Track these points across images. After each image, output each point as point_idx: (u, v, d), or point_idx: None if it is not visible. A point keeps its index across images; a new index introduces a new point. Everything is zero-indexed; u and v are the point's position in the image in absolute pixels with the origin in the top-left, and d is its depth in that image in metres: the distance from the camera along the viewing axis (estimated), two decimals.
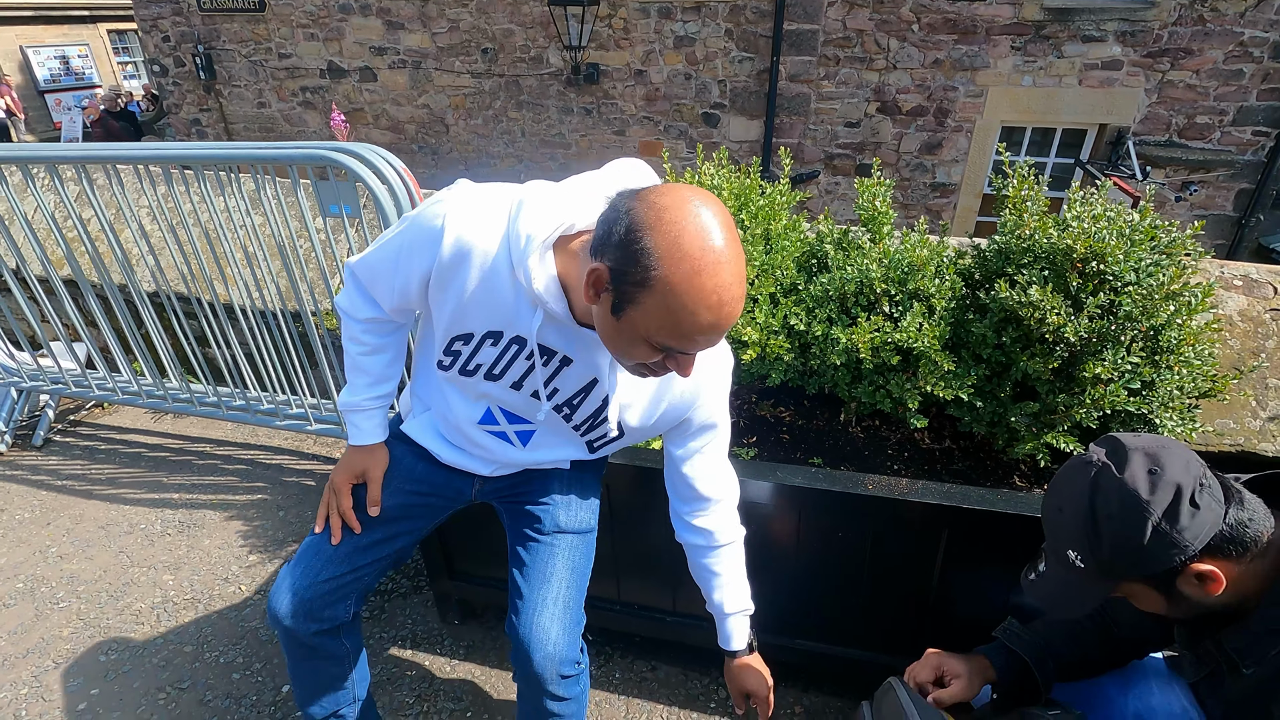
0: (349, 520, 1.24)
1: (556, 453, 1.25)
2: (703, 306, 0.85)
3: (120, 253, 2.43)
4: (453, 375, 1.16)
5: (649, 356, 0.94)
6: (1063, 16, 6.79)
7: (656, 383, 1.12)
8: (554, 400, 1.14)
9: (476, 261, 1.02)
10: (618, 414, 1.12)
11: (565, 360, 1.09)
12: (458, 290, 1.05)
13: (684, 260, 0.83)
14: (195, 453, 2.89)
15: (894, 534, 1.45)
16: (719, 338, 0.91)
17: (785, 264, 1.56)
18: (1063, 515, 0.88)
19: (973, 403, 1.45)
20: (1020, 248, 1.41)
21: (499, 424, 1.21)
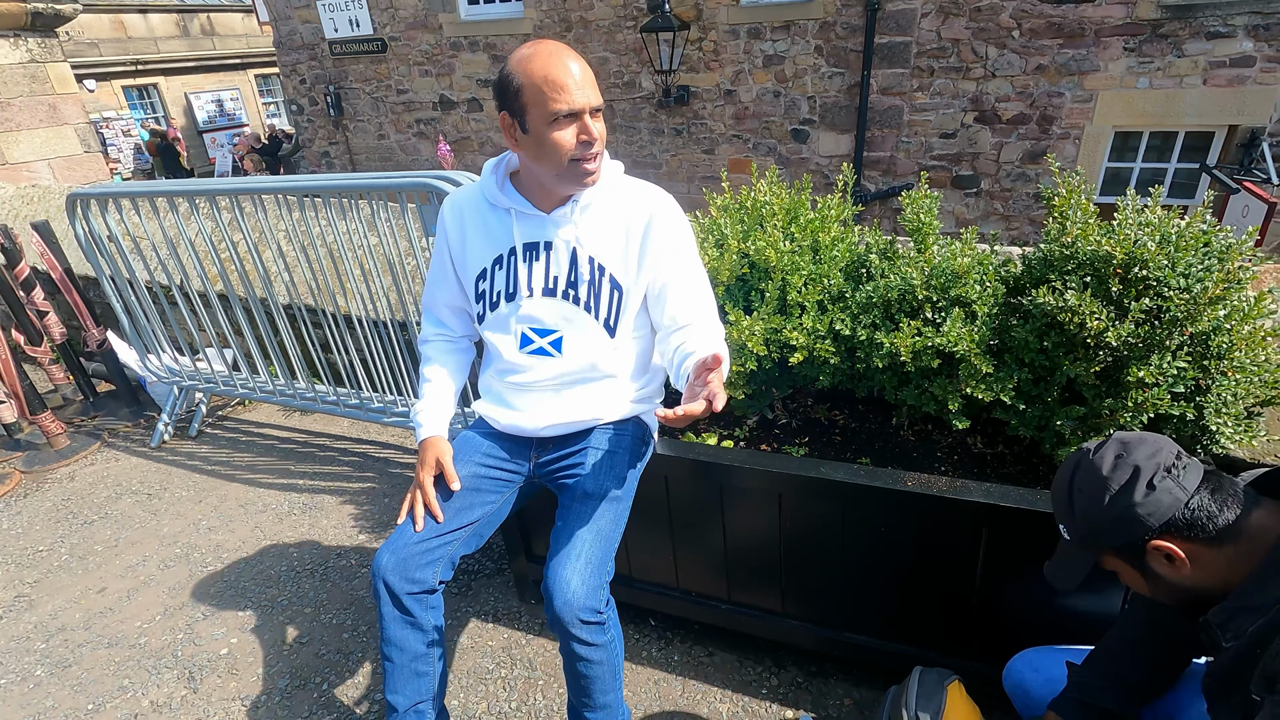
0: (432, 509, 1.47)
1: (587, 351, 1.46)
2: (551, 66, 1.24)
3: (262, 270, 2.84)
4: (491, 322, 1.50)
5: (568, 143, 1.28)
6: (1183, 13, 6.37)
7: (619, 224, 1.42)
8: (560, 286, 1.43)
9: (466, 208, 1.49)
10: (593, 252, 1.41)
11: (548, 245, 1.43)
12: (463, 241, 1.49)
13: (522, 60, 1.27)
14: (317, 445, 3.28)
15: (936, 531, 1.51)
16: (582, 79, 1.26)
17: (833, 273, 1.66)
18: (1053, 495, 1.03)
19: (1017, 406, 1.50)
20: (1063, 254, 1.45)
21: (534, 341, 1.48)
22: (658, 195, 1.46)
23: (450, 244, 1.53)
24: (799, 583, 1.74)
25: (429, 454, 1.53)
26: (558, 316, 1.46)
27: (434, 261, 1.59)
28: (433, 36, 9.49)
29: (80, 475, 3.20)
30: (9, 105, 5.19)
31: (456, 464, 1.55)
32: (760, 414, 1.93)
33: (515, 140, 1.35)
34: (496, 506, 1.57)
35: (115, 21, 17.70)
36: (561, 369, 1.48)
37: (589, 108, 1.28)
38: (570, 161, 1.31)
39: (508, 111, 1.32)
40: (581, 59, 1.30)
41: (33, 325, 3.55)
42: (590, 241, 1.43)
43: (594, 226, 1.43)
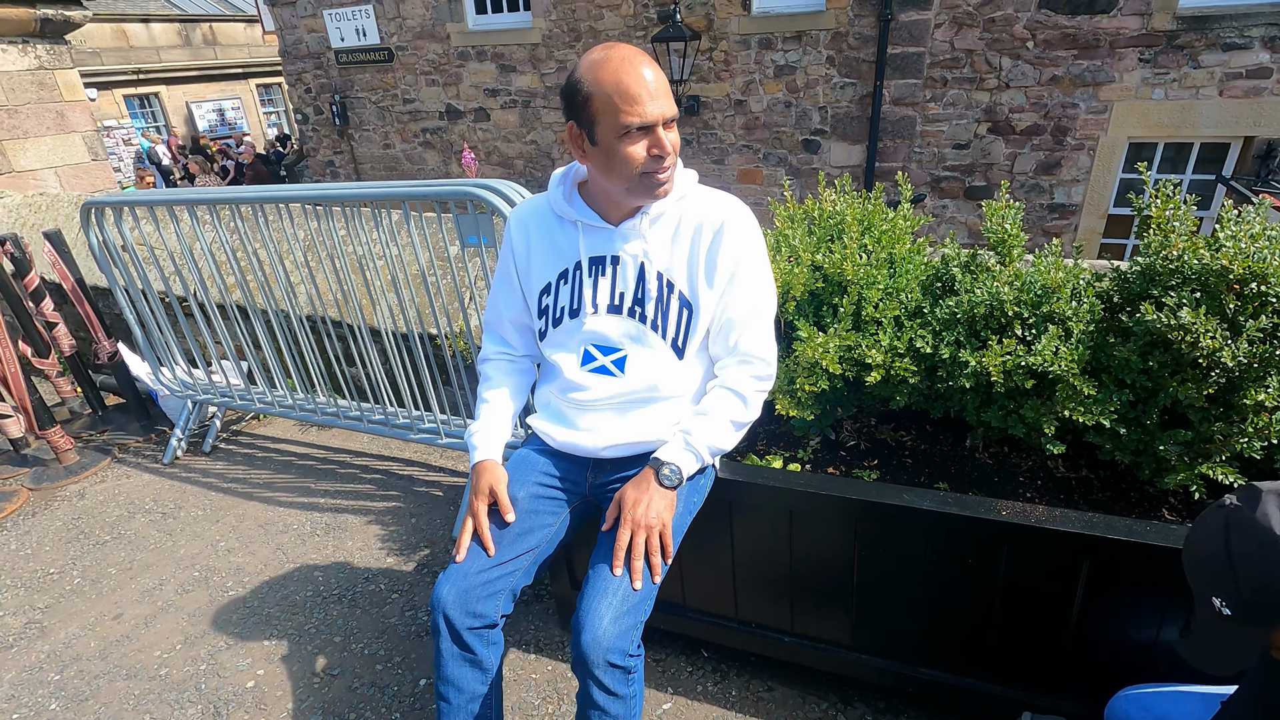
0: (484, 540, 1.37)
1: (652, 371, 1.38)
2: (624, 74, 1.16)
3: (284, 279, 2.75)
4: (553, 338, 1.43)
5: (639, 156, 1.21)
6: (1199, 25, 6.35)
7: (690, 239, 1.33)
8: (626, 303, 1.36)
9: (532, 221, 1.42)
10: (661, 268, 1.34)
11: (615, 260, 1.35)
12: (529, 252, 1.42)
13: (593, 65, 1.19)
14: (337, 462, 3.17)
15: (1029, 563, 1.41)
16: (656, 89, 1.18)
17: (910, 287, 1.57)
18: (1200, 562, 0.88)
19: (1115, 430, 1.40)
20: (1167, 269, 1.36)
21: (596, 358, 1.40)
22: (730, 209, 1.36)
23: (516, 257, 1.46)
24: (872, 614, 1.64)
25: (483, 480, 1.43)
26: (622, 334, 1.38)
27: (499, 276, 1.52)
28: (440, 46, 9.44)
29: (91, 493, 3.08)
30: (17, 112, 5.10)
31: (513, 485, 1.46)
32: (823, 434, 1.84)
33: (583, 152, 1.28)
34: (553, 529, 1.47)
35: (117, 30, 17.67)
36: (624, 388, 1.40)
37: (663, 119, 1.20)
38: (641, 175, 1.24)
39: (575, 122, 1.25)
40: (656, 65, 1.21)
41: (40, 337, 3.44)
42: (659, 256, 1.35)
43: (663, 240, 1.35)
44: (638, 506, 1.30)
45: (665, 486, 1.33)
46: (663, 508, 1.32)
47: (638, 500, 1.31)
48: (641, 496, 1.31)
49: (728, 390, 1.38)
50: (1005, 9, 6.88)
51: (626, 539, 1.29)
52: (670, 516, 1.33)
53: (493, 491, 1.41)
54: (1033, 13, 6.81)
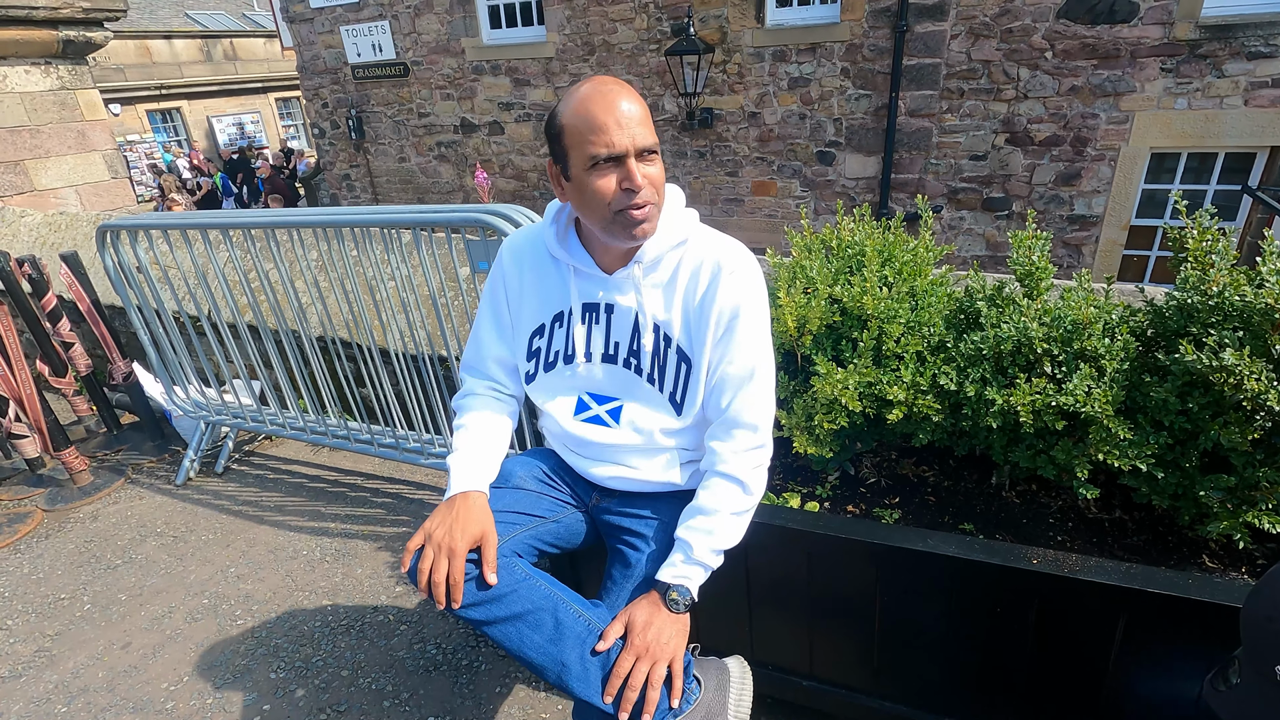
0: (455, 591, 1.16)
1: (648, 425, 1.29)
2: (591, 104, 1.10)
3: (296, 301, 2.73)
4: (544, 383, 1.34)
5: (609, 190, 1.12)
6: (1223, 34, 6.23)
7: (682, 286, 1.25)
8: (621, 353, 1.28)
9: (527, 255, 1.34)
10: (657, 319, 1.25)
11: (609, 308, 1.28)
12: (521, 288, 1.34)
13: (567, 98, 1.14)
14: (348, 485, 3.15)
15: (1062, 615, 1.34)
16: (625, 119, 1.10)
17: (933, 321, 1.52)
18: (1275, 625, 0.79)
19: (1153, 473, 1.33)
20: (1206, 306, 1.30)
21: (591, 408, 1.33)
22: (729, 253, 1.25)
23: (509, 290, 1.37)
24: (894, 660, 1.57)
25: (469, 517, 1.20)
26: (617, 384, 1.31)
27: (487, 311, 1.42)
28: (455, 61, 9.50)
29: (103, 515, 3.08)
30: (39, 132, 5.17)
31: (516, 465, 1.41)
32: (841, 469, 1.78)
33: (562, 189, 1.21)
34: (558, 517, 1.40)
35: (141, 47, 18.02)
36: (619, 440, 1.32)
37: (634, 149, 1.11)
38: (615, 212, 1.14)
39: (553, 157, 1.20)
40: (633, 94, 1.14)
41: (58, 356, 3.46)
42: (655, 306, 1.26)
43: (659, 289, 1.26)
44: (647, 631, 1.17)
45: (676, 611, 1.21)
46: (673, 634, 1.19)
47: (647, 624, 1.18)
48: (651, 620, 1.19)
49: (724, 479, 1.25)
50: (1023, 19, 6.80)
51: (627, 667, 1.15)
52: (683, 643, 1.21)
53: (481, 539, 1.20)
54: (1051, 23, 6.72)
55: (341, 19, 9.92)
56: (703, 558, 1.24)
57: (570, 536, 1.42)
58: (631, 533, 1.36)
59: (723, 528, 1.24)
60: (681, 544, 1.25)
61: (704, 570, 1.25)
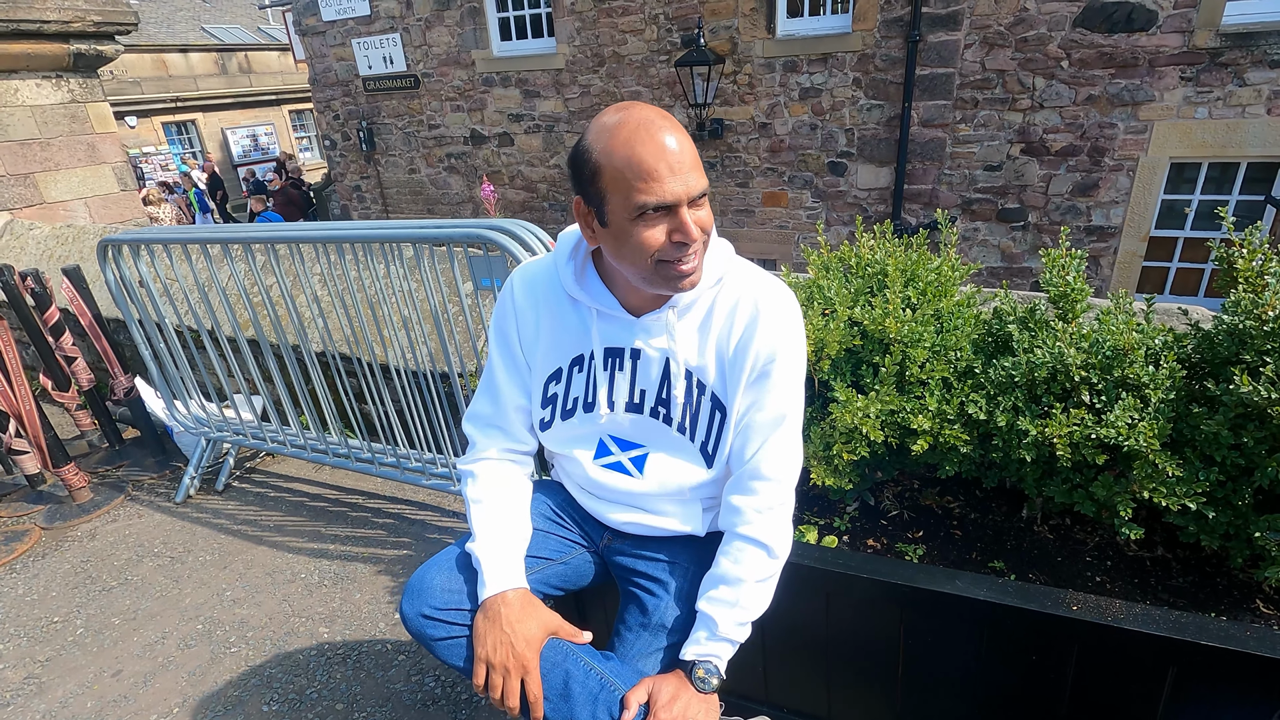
0: (535, 709, 1.09)
1: (675, 477, 1.19)
2: (638, 144, 0.96)
3: (296, 316, 2.67)
4: (560, 431, 1.23)
5: (655, 240, 1.00)
6: (1244, 41, 6.11)
7: (717, 328, 1.13)
8: (648, 402, 1.17)
9: (543, 292, 1.20)
10: (690, 365, 1.14)
11: (635, 354, 1.16)
12: (536, 330, 1.21)
13: (603, 131, 0.99)
14: (349, 504, 3.07)
15: (1104, 666, 1.24)
16: (678, 164, 0.96)
17: (960, 345, 1.42)
18: None
19: (1203, 512, 1.23)
20: (1261, 332, 1.20)
21: (613, 453, 1.22)
22: (768, 293, 1.13)
23: (522, 331, 1.22)
24: (918, 707, 1.47)
25: (525, 623, 1.09)
26: (642, 432, 1.20)
27: (498, 355, 1.25)
28: (465, 72, 9.52)
29: (102, 533, 3.02)
30: (49, 145, 5.18)
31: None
32: (861, 499, 1.68)
33: (593, 232, 1.07)
34: (566, 557, 1.32)
35: (157, 61, 18.25)
36: (641, 489, 1.22)
37: (688, 197, 0.98)
38: (658, 263, 1.02)
39: (583, 197, 1.05)
40: (679, 129, 1.00)
41: (61, 370, 3.42)
42: (687, 350, 1.14)
43: (691, 331, 1.14)
44: (673, 705, 1.08)
45: (705, 691, 1.12)
46: (701, 712, 1.10)
47: (673, 699, 1.09)
48: (678, 696, 1.09)
49: (747, 543, 1.14)
50: (1038, 28, 6.71)
51: None
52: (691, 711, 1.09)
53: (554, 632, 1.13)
54: (1067, 31, 6.62)
55: (353, 32, 9.97)
56: (728, 633, 1.14)
57: (578, 578, 1.33)
58: (647, 577, 1.26)
59: (748, 598, 1.14)
60: (705, 619, 1.14)
61: (731, 645, 1.15)
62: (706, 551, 1.26)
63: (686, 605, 1.21)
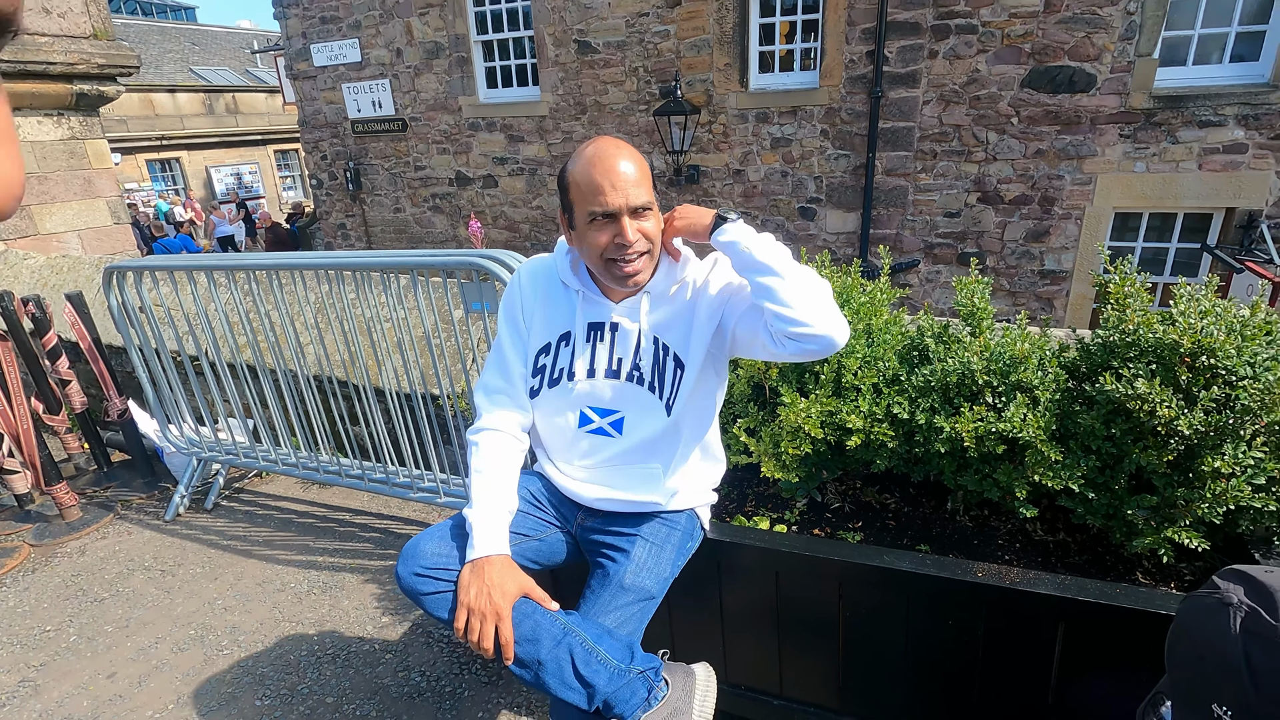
0: (507, 650, 1.25)
1: (647, 431, 1.42)
2: (592, 166, 1.26)
3: (295, 340, 2.85)
4: (546, 398, 1.46)
5: (602, 241, 1.28)
6: (1174, 103, 6.67)
7: (682, 298, 1.40)
8: (624, 368, 1.41)
9: (541, 278, 1.48)
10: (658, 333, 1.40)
11: (614, 327, 1.42)
12: (535, 308, 1.47)
13: (576, 155, 1.31)
14: (337, 520, 3.21)
15: (1007, 625, 1.45)
16: (621, 182, 1.25)
17: (887, 356, 1.66)
18: (1205, 666, 0.81)
19: (1085, 494, 1.47)
20: (1125, 342, 1.46)
21: (594, 420, 1.45)
22: (705, 263, 1.43)
23: (524, 308, 1.49)
24: (859, 677, 1.66)
25: (504, 579, 1.27)
26: (620, 397, 1.44)
27: (508, 330, 1.50)
28: (452, 117, 9.90)
29: (91, 549, 3.11)
30: (46, 179, 5.35)
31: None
32: (809, 496, 1.89)
33: (568, 233, 1.39)
34: (541, 536, 1.51)
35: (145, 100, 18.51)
36: (620, 448, 1.45)
37: (626, 208, 1.26)
38: (606, 260, 1.31)
39: (561, 206, 1.37)
40: (633, 156, 1.30)
41: (53, 394, 3.54)
42: (656, 324, 1.42)
43: (662, 312, 1.42)
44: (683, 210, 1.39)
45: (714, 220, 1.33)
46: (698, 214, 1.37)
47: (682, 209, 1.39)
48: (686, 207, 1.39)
49: None
50: (989, 87, 7.24)
51: None
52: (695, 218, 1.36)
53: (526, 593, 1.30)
54: (1016, 91, 7.16)
55: (344, 77, 10.33)
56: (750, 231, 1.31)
57: (551, 554, 1.52)
58: (612, 548, 1.46)
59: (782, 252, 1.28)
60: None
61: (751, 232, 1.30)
62: (670, 527, 1.47)
63: (642, 572, 1.41)
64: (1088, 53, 6.81)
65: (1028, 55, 7.01)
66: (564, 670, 1.26)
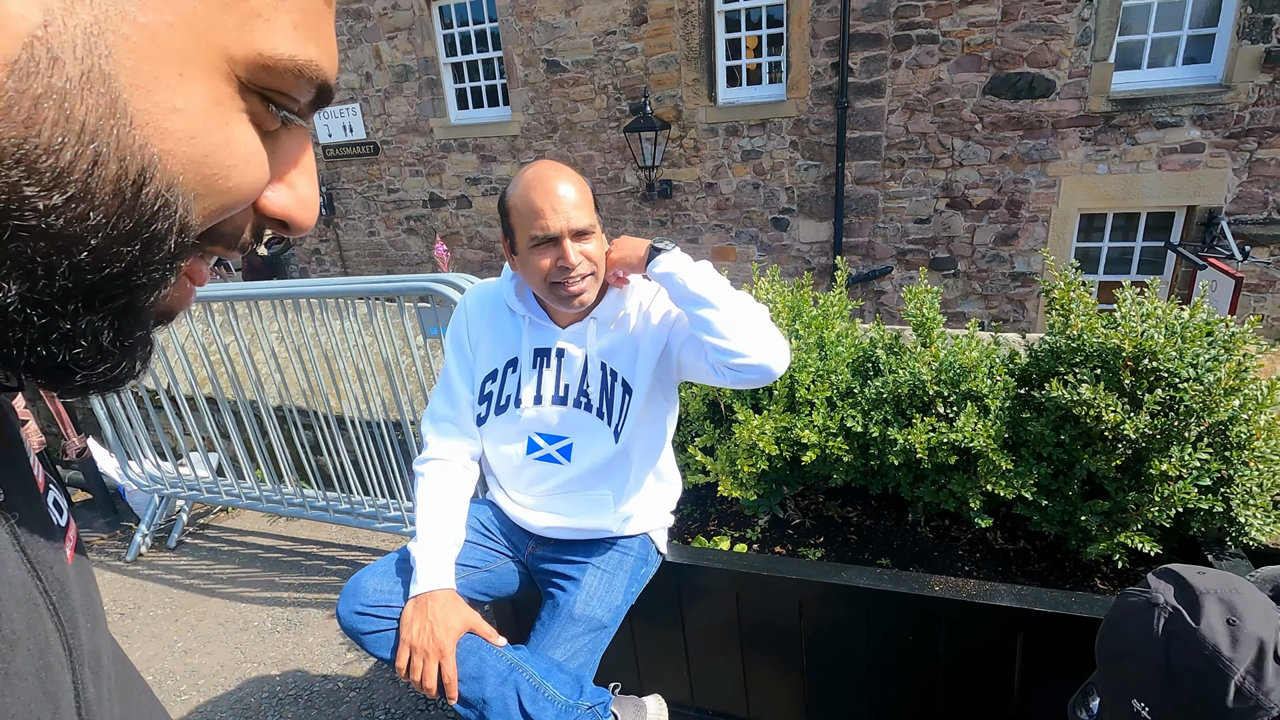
0: (450, 689, 1.21)
1: (596, 458, 1.39)
2: (531, 190, 1.24)
3: (254, 372, 2.80)
4: (494, 425, 1.42)
5: (545, 265, 1.26)
6: (1131, 106, 6.81)
7: (629, 323, 1.37)
8: (571, 394, 1.37)
9: (488, 304, 1.45)
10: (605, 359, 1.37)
11: (560, 353, 1.39)
12: (481, 333, 1.44)
13: (516, 182, 1.29)
14: (303, 554, 3.14)
15: (967, 638, 1.43)
16: (561, 205, 1.23)
17: (840, 369, 1.66)
18: (1129, 663, 0.84)
19: (1038, 501, 1.46)
20: (1070, 347, 1.46)
21: (542, 447, 1.41)
22: (644, 288, 1.41)
23: (470, 334, 1.45)
24: (823, 695, 1.63)
25: (447, 614, 1.23)
26: (568, 424, 1.41)
27: (455, 357, 1.47)
28: (424, 139, 9.88)
29: None
30: None
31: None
32: (771, 513, 1.87)
33: (511, 259, 1.35)
34: (492, 566, 1.47)
35: None
36: (569, 475, 1.42)
37: (568, 231, 1.24)
38: (550, 284, 1.28)
39: (503, 231, 1.34)
40: (573, 179, 1.27)
41: None
42: (604, 350, 1.38)
43: (609, 338, 1.39)
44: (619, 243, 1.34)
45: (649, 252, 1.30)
46: (630, 248, 1.33)
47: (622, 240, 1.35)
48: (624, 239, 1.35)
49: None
50: (952, 95, 7.35)
51: None
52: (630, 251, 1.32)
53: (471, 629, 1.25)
54: (978, 98, 7.28)
55: None
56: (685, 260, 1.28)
57: (502, 585, 1.48)
58: (563, 576, 1.43)
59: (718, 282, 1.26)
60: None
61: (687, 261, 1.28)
62: (623, 553, 1.44)
63: (593, 601, 1.37)
64: (1046, 59, 6.95)
65: (988, 63, 7.14)
66: (509, 708, 1.22)
